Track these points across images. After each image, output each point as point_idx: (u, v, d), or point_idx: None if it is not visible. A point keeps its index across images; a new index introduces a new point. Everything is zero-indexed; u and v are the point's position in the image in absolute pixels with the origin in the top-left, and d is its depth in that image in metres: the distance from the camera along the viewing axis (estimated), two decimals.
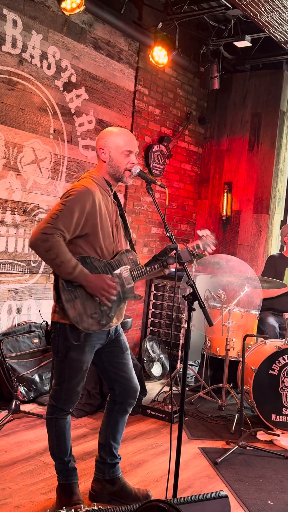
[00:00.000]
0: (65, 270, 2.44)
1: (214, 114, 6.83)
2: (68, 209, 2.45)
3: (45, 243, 2.40)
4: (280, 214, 6.59)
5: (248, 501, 3.00)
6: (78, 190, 2.50)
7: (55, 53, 4.76)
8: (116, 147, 2.63)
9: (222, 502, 2.07)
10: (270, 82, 6.38)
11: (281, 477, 3.36)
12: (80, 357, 2.58)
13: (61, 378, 2.62)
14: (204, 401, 4.73)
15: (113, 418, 2.83)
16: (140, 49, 5.65)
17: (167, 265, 2.62)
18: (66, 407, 2.65)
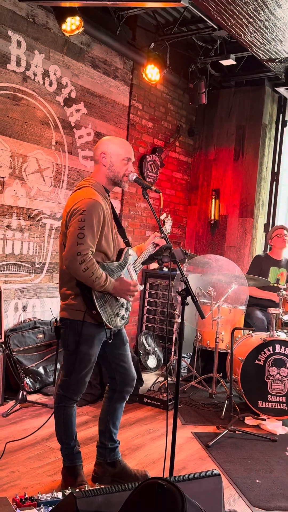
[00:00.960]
0: (99, 285, 2.47)
1: (202, 126, 6.85)
2: (89, 226, 2.44)
3: (82, 264, 2.40)
4: (263, 218, 6.61)
5: (238, 480, 3.01)
6: (89, 205, 2.47)
7: (56, 71, 4.76)
8: (118, 154, 2.65)
9: (215, 480, 2.07)
10: (253, 98, 6.41)
11: (267, 458, 3.37)
12: (89, 350, 2.60)
13: (70, 370, 2.61)
14: (196, 390, 4.73)
15: (113, 406, 2.83)
16: (134, 67, 5.66)
17: (163, 263, 2.64)
18: (74, 396, 2.65)
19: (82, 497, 1.79)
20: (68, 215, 2.51)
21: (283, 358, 4.15)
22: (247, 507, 2.69)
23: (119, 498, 1.80)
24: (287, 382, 4.13)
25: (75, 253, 2.39)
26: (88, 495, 1.81)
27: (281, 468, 3.22)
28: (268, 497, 2.82)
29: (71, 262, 2.41)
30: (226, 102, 6.63)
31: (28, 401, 3.97)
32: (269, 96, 6.42)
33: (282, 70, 5.39)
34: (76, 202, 2.51)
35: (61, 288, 2.66)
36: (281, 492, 2.89)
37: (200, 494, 1.92)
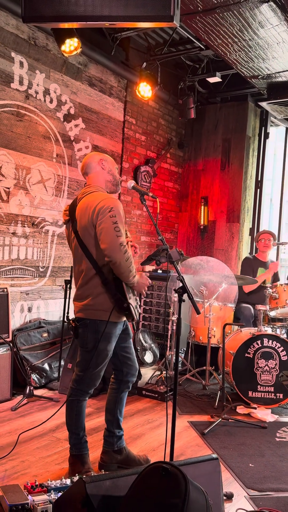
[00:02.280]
0: (132, 275, 2.50)
1: (190, 139, 6.88)
2: (120, 221, 2.47)
3: (126, 254, 2.43)
4: (249, 222, 6.63)
5: (232, 464, 3.00)
6: (115, 203, 2.50)
7: (56, 89, 4.76)
8: (111, 162, 2.78)
9: (213, 463, 2.07)
10: (237, 112, 6.44)
11: (259, 444, 3.36)
12: (108, 347, 2.60)
13: (87, 366, 2.59)
14: (190, 382, 4.72)
15: (120, 395, 2.83)
16: (128, 85, 5.67)
17: (160, 263, 2.63)
18: (88, 389, 2.65)
19: (91, 481, 1.78)
20: (94, 214, 2.48)
21: (270, 351, 4.15)
22: (242, 489, 2.67)
23: (125, 482, 1.79)
24: (275, 373, 4.13)
25: (118, 245, 2.41)
26: (96, 480, 1.79)
27: (271, 453, 3.21)
28: (261, 479, 2.81)
29: (115, 253, 2.41)
30: (213, 117, 6.66)
31: (35, 396, 3.94)
32: (252, 110, 6.45)
33: (265, 86, 5.42)
34: (99, 202, 2.49)
35: (78, 289, 2.62)
36: (272, 475, 2.88)
37: (200, 477, 1.91)
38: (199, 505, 1.64)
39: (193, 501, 1.61)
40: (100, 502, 1.76)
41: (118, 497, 1.77)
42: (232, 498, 2.54)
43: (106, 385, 4.33)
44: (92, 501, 1.75)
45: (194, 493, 1.64)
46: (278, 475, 2.87)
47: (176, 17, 2.44)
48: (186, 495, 1.58)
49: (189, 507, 1.58)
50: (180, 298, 2.45)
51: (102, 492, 1.77)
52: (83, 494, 1.76)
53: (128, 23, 2.52)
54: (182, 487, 1.59)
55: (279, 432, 3.61)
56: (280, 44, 4.27)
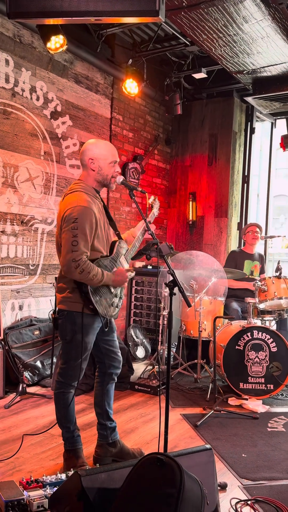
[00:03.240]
0: (96, 281, 2.48)
1: (177, 136, 6.87)
2: (81, 232, 2.44)
3: (78, 268, 2.41)
4: (236, 217, 6.66)
5: (225, 455, 3.01)
6: (81, 213, 2.45)
7: (42, 86, 4.72)
8: (105, 158, 2.63)
9: (207, 453, 2.07)
10: (223, 108, 6.45)
11: (251, 434, 3.38)
12: (86, 338, 2.59)
13: (68, 358, 2.61)
14: (182, 376, 4.74)
15: (105, 387, 2.82)
16: (114, 82, 5.65)
17: (150, 257, 2.63)
18: (72, 382, 2.64)
19: (87, 475, 1.77)
20: (62, 221, 2.49)
21: (260, 343, 4.18)
22: (236, 479, 2.69)
23: (121, 474, 1.79)
24: (265, 365, 4.16)
25: (70, 260, 2.41)
26: (92, 473, 1.79)
27: (263, 443, 3.23)
28: (254, 469, 2.83)
29: (67, 268, 2.43)
30: (199, 113, 6.66)
31: (27, 393, 3.93)
32: (238, 106, 6.47)
33: (250, 81, 5.44)
34: (68, 208, 2.48)
35: (58, 282, 2.65)
36: (265, 464, 2.90)
37: (194, 467, 1.92)
38: (194, 494, 1.65)
39: (188, 491, 1.62)
40: (96, 495, 1.76)
41: (114, 489, 1.77)
42: (226, 488, 2.56)
43: None
44: (88, 494, 1.75)
45: (189, 482, 1.64)
46: (271, 464, 2.89)
47: (161, 12, 2.43)
48: (182, 484, 1.59)
49: (184, 497, 1.59)
50: (171, 292, 2.45)
51: (98, 485, 1.77)
52: (79, 487, 1.76)
53: (114, 18, 2.51)
54: (177, 477, 1.60)
55: (270, 422, 3.64)
56: (264, 38, 4.28)
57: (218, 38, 4.25)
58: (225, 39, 4.27)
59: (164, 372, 4.48)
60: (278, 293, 4.41)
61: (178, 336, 5.03)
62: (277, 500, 2.41)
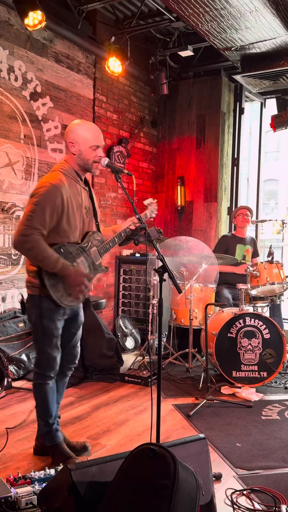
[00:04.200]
0: (48, 265, 2.43)
1: (164, 117, 6.81)
2: (40, 208, 2.40)
3: (26, 244, 2.38)
4: (226, 201, 6.65)
5: (219, 445, 3.03)
6: (46, 189, 2.44)
7: (20, 66, 4.63)
8: (85, 142, 2.58)
9: (201, 443, 2.07)
10: (211, 87, 6.40)
11: (245, 423, 3.40)
12: (50, 324, 2.57)
13: (39, 347, 2.61)
14: (173, 366, 4.75)
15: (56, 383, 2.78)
16: (96, 61, 5.56)
17: (138, 243, 2.60)
18: (46, 372, 2.63)
19: (77, 469, 1.76)
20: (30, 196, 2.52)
21: (253, 330, 4.19)
22: (230, 469, 2.70)
23: (112, 466, 1.78)
24: (258, 352, 4.18)
25: (19, 233, 2.40)
26: (82, 467, 1.78)
27: (258, 431, 3.26)
28: (249, 458, 2.85)
29: (17, 241, 2.42)
30: (186, 92, 6.60)
31: (13, 387, 3.90)
32: (226, 85, 6.42)
33: (238, 58, 5.39)
34: (37, 187, 2.49)
35: (27, 268, 2.63)
36: (260, 453, 2.92)
37: (188, 457, 1.92)
38: (189, 485, 1.64)
39: (183, 481, 1.61)
40: (87, 489, 1.75)
41: (105, 482, 1.76)
42: (221, 478, 2.57)
43: (88, 373, 4.33)
44: (78, 488, 1.74)
45: (184, 473, 1.64)
46: (266, 453, 2.92)
47: None
48: (176, 475, 1.58)
49: (179, 488, 1.59)
50: (161, 278, 2.43)
51: (89, 479, 1.76)
52: (69, 482, 1.74)
53: None
54: (171, 468, 1.59)
55: (264, 410, 3.67)
56: (252, 13, 4.23)
57: (204, 12, 4.19)
58: (212, 13, 4.21)
59: (154, 363, 4.49)
60: (271, 278, 4.43)
61: (169, 325, 5.03)
62: (274, 489, 2.43)
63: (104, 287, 5.94)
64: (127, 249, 6.21)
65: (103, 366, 4.33)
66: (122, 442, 3.01)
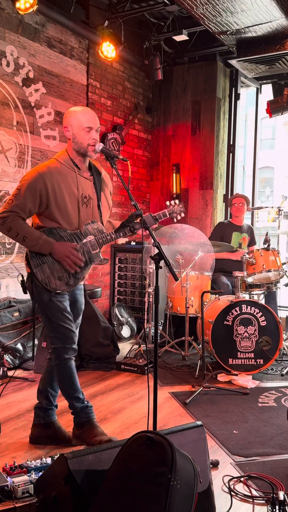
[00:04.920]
0: (30, 243, 2.50)
1: (159, 103, 6.74)
2: (20, 194, 2.49)
3: (4, 225, 2.47)
4: (222, 189, 6.62)
5: (216, 432, 3.03)
6: (29, 177, 2.52)
7: (12, 51, 4.55)
8: (78, 124, 2.57)
9: (199, 430, 2.07)
10: (206, 73, 6.33)
11: (242, 410, 3.41)
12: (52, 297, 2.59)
13: (49, 323, 2.61)
14: (169, 354, 4.75)
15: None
16: (90, 46, 5.48)
17: (134, 230, 2.57)
18: (67, 344, 2.61)
19: (73, 457, 1.75)
20: None
21: (249, 317, 4.19)
22: (228, 456, 2.71)
23: (109, 455, 1.77)
24: (254, 339, 4.18)
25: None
26: (78, 455, 1.77)
27: (255, 418, 3.26)
28: (246, 445, 2.86)
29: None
30: (181, 78, 6.52)
31: (9, 377, 3.89)
32: (221, 70, 6.35)
33: (234, 42, 5.32)
34: (25, 174, 2.59)
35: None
36: (257, 440, 2.93)
37: (185, 445, 1.91)
38: (186, 472, 1.64)
39: (181, 469, 1.60)
40: (84, 478, 1.74)
41: (102, 471, 1.75)
42: (218, 465, 2.58)
43: (84, 362, 4.32)
44: (75, 477, 1.73)
45: (181, 460, 1.63)
46: (263, 440, 2.92)
47: None
48: (173, 463, 1.57)
49: (176, 475, 1.58)
50: (157, 265, 2.41)
51: (85, 467, 1.75)
52: (66, 471, 1.74)
53: None
54: (169, 455, 1.58)
55: (261, 397, 3.68)
56: None
57: None
58: None
59: (151, 351, 4.48)
60: (267, 265, 4.42)
61: (165, 313, 5.02)
62: (271, 476, 2.43)
63: (100, 276, 5.92)
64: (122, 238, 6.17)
65: (99, 355, 4.33)
66: (119, 430, 3.01)
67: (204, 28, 5.01)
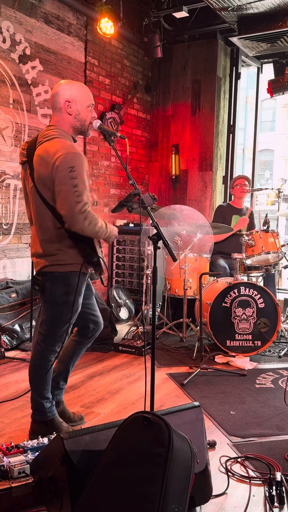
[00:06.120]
0: (103, 233, 2.41)
1: (158, 82, 6.62)
2: (81, 181, 2.29)
3: (86, 220, 2.29)
4: (222, 170, 6.54)
5: (213, 412, 3.03)
6: (76, 160, 2.29)
7: (9, 27, 4.43)
8: (82, 101, 2.46)
9: (196, 411, 2.05)
10: (206, 51, 6.20)
11: (239, 391, 3.41)
12: (78, 298, 2.51)
13: (56, 323, 2.50)
14: (167, 335, 4.74)
15: (79, 349, 2.77)
16: (88, 22, 5.34)
17: (132, 209, 2.51)
18: (58, 348, 2.56)
19: (69, 437, 1.73)
20: (54, 170, 2.29)
21: (247, 299, 4.17)
22: (225, 437, 2.71)
23: (105, 435, 1.75)
24: (252, 321, 4.17)
25: (76, 213, 2.27)
26: (75, 436, 1.75)
27: (252, 399, 3.26)
28: (243, 426, 2.86)
29: (74, 222, 2.29)
30: (181, 56, 6.39)
31: (6, 357, 3.88)
32: (222, 49, 6.22)
33: (235, 19, 5.20)
34: (59, 155, 2.28)
35: (43, 244, 2.45)
36: (254, 421, 2.93)
37: (182, 425, 1.89)
38: (183, 453, 1.62)
39: (178, 450, 1.59)
40: (80, 458, 1.72)
41: (98, 451, 1.73)
42: (215, 446, 2.57)
43: None
44: (71, 457, 1.71)
45: (178, 441, 1.61)
46: (260, 421, 2.92)
47: None
48: (170, 443, 1.55)
49: (173, 456, 1.56)
50: (155, 246, 2.37)
51: (82, 448, 1.73)
52: (62, 451, 1.72)
53: None
54: (166, 436, 1.56)
55: (258, 379, 3.68)
56: None
57: None
58: None
59: (148, 333, 4.47)
60: (266, 247, 4.38)
61: (163, 295, 5.00)
62: (268, 457, 2.43)
63: None
64: (120, 219, 6.13)
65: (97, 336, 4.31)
66: (116, 411, 3.01)
67: (205, 4, 4.88)
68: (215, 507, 2.04)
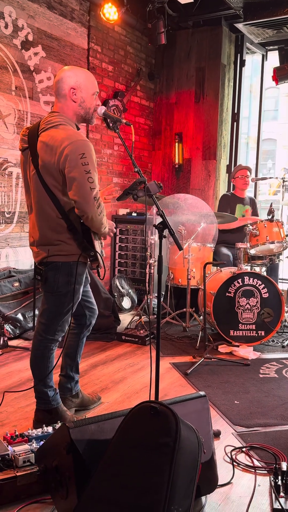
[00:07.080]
0: (104, 225, 2.39)
1: (161, 69, 6.54)
2: (93, 168, 2.27)
3: (99, 208, 2.29)
4: (225, 159, 6.48)
5: (217, 402, 3.02)
6: (86, 147, 2.26)
7: (11, 12, 4.36)
8: (87, 88, 2.41)
9: (202, 400, 2.04)
10: (211, 38, 6.11)
11: (243, 381, 3.40)
12: (80, 289, 2.51)
13: (57, 312, 2.48)
14: (170, 325, 4.73)
15: (81, 340, 2.78)
16: (91, 8, 5.26)
17: (137, 198, 2.48)
18: (59, 337, 2.56)
19: (75, 427, 1.72)
20: (62, 158, 2.25)
21: (251, 289, 4.15)
22: (229, 427, 2.70)
23: (112, 424, 1.74)
24: (256, 311, 4.15)
25: (91, 199, 2.24)
26: (80, 425, 1.74)
27: (256, 389, 3.25)
28: (247, 415, 2.85)
29: (89, 208, 2.25)
30: (185, 43, 6.31)
31: (9, 346, 3.88)
32: (226, 36, 6.13)
33: (241, 5, 5.12)
34: (67, 143, 2.24)
35: (42, 232, 2.42)
36: (258, 411, 2.92)
37: (189, 415, 1.88)
38: (190, 443, 1.61)
39: (185, 439, 1.57)
40: (85, 447, 1.71)
41: (104, 440, 1.72)
42: (220, 436, 2.57)
43: None
44: (77, 446, 1.70)
45: (185, 431, 1.60)
46: (264, 411, 2.91)
47: None
48: (177, 433, 1.54)
49: (180, 446, 1.55)
50: (161, 234, 2.34)
51: (88, 437, 1.72)
52: (67, 440, 1.71)
53: None
54: (173, 426, 1.55)
55: (262, 368, 3.67)
56: None
57: None
58: None
59: (152, 322, 4.46)
60: (270, 237, 4.35)
61: (166, 285, 4.98)
62: (273, 446, 2.42)
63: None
64: (123, 208, 6.09)
65: (99, 326, 4.30)
66: (120, 400, 3.00)
67: None
68: (221, 496, 2.03)
